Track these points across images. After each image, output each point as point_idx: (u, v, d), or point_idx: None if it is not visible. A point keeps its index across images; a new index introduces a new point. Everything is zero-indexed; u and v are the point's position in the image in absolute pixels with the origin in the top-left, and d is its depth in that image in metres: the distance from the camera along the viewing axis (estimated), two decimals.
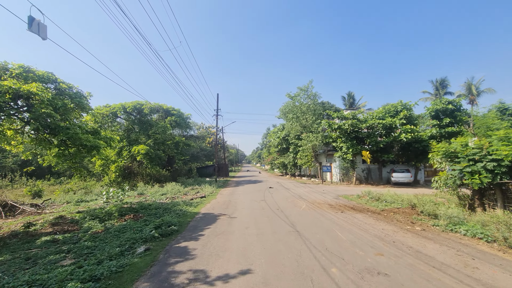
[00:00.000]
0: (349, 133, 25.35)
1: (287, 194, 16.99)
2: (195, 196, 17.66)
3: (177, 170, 33.00)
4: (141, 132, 24.76)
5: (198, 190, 21.10)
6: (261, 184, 25.99)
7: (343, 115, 25.93)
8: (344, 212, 10.96)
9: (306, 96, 31.05)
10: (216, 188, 22.17)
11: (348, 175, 27.58)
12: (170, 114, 27.07)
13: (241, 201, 14.46)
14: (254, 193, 17.80)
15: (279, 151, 36.68)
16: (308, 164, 31.21)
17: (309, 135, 28.74)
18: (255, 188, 21.45)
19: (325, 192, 18.20)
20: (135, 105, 24.47)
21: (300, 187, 21.45)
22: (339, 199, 15.10)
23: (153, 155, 23.26)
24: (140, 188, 22.12)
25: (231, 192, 19.63)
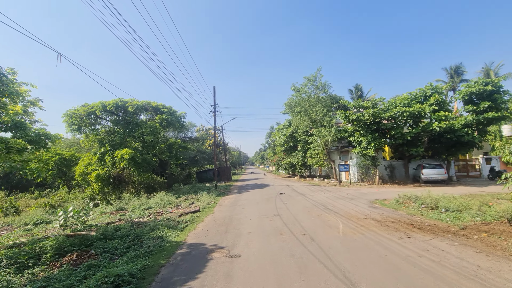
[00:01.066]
0: (369, 125, 21.28)
1: (306, 203, 12.92)
2: (187, 210, 13.66)
3: (173, 176, 29.05)
4: (127, 134, 20.85)
5: (193, 200, 17.10)
6: (269, 189, 21.91)
7: (361, 104, 21.87)
8: (409, 234, 6.90)
9: (314, 86, 27.00)
10: (215, 197, 18.16)
11: (368, 174, 23.45)
12: (160, 112, 23.17)
13: (246, 217, 10.41)
14: (262, 203, 13.75)
15: (285, 150, 32.66)
16: (320, 163, 27.14)
17: (320, 130, 24.68)
18: (263, 195, 17.40)
19: (352, 198, 14.13)
20: (117, 102, 20.58)
21: (317, 192, 17.37)
22: (378, 208, 11.03)
23: (140, 160, 19.32)
24: (125, 200, 18.16)
25: (233, 201, 15.60)
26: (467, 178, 25.41)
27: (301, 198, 14.50)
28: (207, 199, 16.60)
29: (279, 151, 35.59)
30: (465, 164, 26.17)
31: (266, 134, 57.48)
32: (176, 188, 22.19)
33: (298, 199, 14.43)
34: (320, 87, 26.71)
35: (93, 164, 20.82)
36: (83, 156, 22.25)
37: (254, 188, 23.55)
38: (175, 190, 21.76)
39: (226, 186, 26.77)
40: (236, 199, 16.43)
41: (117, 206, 15.03)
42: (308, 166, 30.54)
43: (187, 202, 16.13)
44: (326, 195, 15.35)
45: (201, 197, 17.73)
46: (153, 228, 9.19)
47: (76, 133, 21.57)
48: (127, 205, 16.99)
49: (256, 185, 26.32)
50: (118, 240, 8.01)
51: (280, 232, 7.55)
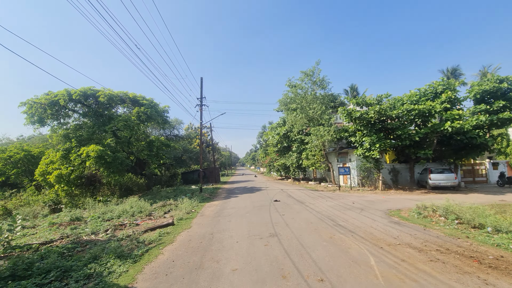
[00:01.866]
0: (373, 124, 18.92)
1: (309, 215, 10.21)
2: (158, 221, 10.74)
3: (154, 177, 25.89)
4: (96, 128, 17.69)
5: (171, 207, 14.16)
6: (261, 193, 19.15)
7: (364, 100, 19.46)
8: (486, 280, 4.29)
9: (312, 82, 24.48)
10: (198, 203, 15.26)
11: (370, 178, 21.05)
12: (139, 105, 20.07)
13: (231, 237, 7.62)
14: (254, 214, 10.97)
15: (278, 151, 30.03)
16: (316, 165, 24.62)
17: (318, 129, 22.16)
18: (254, 202, 14.63)
19: (361, 208, 11.55)
20: (85, 91, 17.39)
21: (317, 199, 14.72)
22: (402, 225, 8.47)
23: (110, 159, 16.20)
24: (90, 206, 15.02)
25: (218, 210, 12.75)
26: (473, 184, 23.45)
27: (301, 208, 11.80)
28: (187, 206, 13.71)
29: (271, 152, 32.97)
30: (471, 169, 24.20)
31: (258, 134, 54.91)
32: (155, 191, 19.11)
33: (297, 208, 11.72)
34: (318, 83, 24.22)
35: (55, 162, 17.53)
36: (46, 153, 18.90)
37: (244, 192, 20.73)
38: (153, 194, 18.69)
39: (213, 189, 23.85)
40: (222, 207, 13.58)
41: (72, 215, 11.90)
42: (303, 169, 28.01)
43: (162, 210, 13.18)
44: (330, 204, 12.72)
45: (181, 203, 14.81)
46: (95, 256, 6.27)
47: (38, 126, 18.21)
48: (90, 212, 13.90)
49: (247, 189, 23.50)
50: (31, 281, 5.08)
51: (281, 274, 4.78)
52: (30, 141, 37.50)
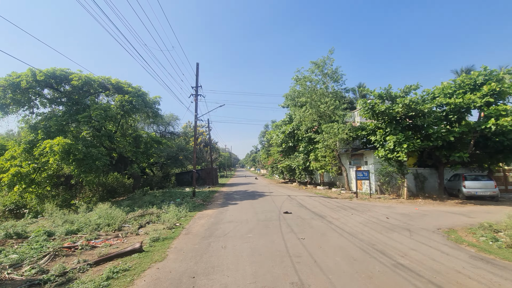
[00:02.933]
0: (399, 120, 15.80)
1: (342, 241, 6.93)
2: (124, 243, 7.50)
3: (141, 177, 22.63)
4: (67, 117, 14.48)
5: (151, 218, 10.90)
6: (265, 200, 15.89)
7: (389, 92, 16.29)
8: None
9: (323, 74, 21.32)
10: (187, 212, 12.00)
11: (393, 184, 17.82)
12: (123, 92, 16.85)
13: (226, 286, 4.35)
14: (260, 236, 7.68)
15: (283, 151, 26.80)
16: (327, 168, 21.39)
17: (332, 126, 18.97)
18: (258, 213, 11.37)
19: (403, 226, 8.33)
20: (53, 72, 14.17)
21: (338, 211, 11.44)
22: (498, 266, 5.21)
23: (81, 155, 12.95)
24: (49, 213, 11.76)
25: (211, 225, 9.48)
26: (506, 193, 20.27)
27: (324, 226, 8.54)
28: (171, 218, 10.46)
29: (275, 152, 29.74)
30: (503, 176, 20.99)
31: (260, 133, 51.51)
32: (138, 196, 15.81)
33: (319, 227, 8.46)
34: (330, 74, 21.04)
35: (17, 158, 14.27)
36: (9, 145, 15.62)
37: (244, 197, 17.47)
38: (135, 199, 15.41)
39: (209, 193, 20.58)
40: (216, 220, 10.31)
41: (11, 229, 8.62)
42: (310, 171, 24.78)
43: (137, 223, 9.93)
44: (359, 219, 9.46)
45: (165, 212, 11.57)
46: None
47: (0, 115, 14.98)
48: (46, 222, 10.67)
49: (247, 193, 20.23)
50: None
51: None
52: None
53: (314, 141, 23.05)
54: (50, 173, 16.41)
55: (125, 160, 18.96)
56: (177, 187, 26.65)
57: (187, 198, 16.41)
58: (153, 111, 20.33)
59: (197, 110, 17.58)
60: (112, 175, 22.39)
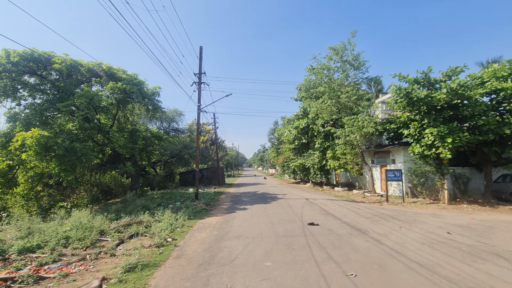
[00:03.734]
0: (440, 110, 13.07)
1: (424, 285, 4.35)
2: (85, 275, 5.08)
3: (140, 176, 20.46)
4: (49, 105, 12.31)
5: (138, 229, 8.51)
6: (279, 204, 13.36)
7: (427, 76, 13.51)
8: None
9: (342, 62, 18.60)
10: (185, 220, 9.61)
11: (428, 185, 15.01)
12: (116, 79, 14.60)
13: None
14: (283, 266, 5.17)
15: (295, 148, 24.21)
16: (348, 167, 18.70)
17: (356, 118, 16.29)
18: (274, 224, 8.85)
19: (485, 247, 5.66)
20: (31, 53, 11.98)
21: (377, 221, 8.79)
22: None
23: (62, 151, 10.73)
24: (15, 220, 9.57)
25: (213, 243, 7.03)
26: None
27: (376, 251, 5.94)
28: (164, 229, 8.10)
29: (286, 150, 27.14)
30: None
31: (269, 131, 48.84)
32: (130, 198, 13.49)
33: (368, 252, 5.86)
34: (351, 61, 18.31)
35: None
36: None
37: (254, 200, 14.99)
38: (127, 202, 13.11)
39: (214, 195, 18.19)
40: (220, 234, 7.84)
41: None
42: (327, 171, 22.10)
43: (117, 236, 7.57)
44: (415, 237, 6.83)
45: (158, 221, 9.20)
46: None
47: None
48: (7, 234, 8.49)
49: (257, 195, 17.74)
50: None
51: None
52: None
53: (333, 137, 20.39)
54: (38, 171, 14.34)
55: (123, 157, 16.76)
56: (180, 187, 24.41)
57: (188, 201, 14.04)
58: (152, 103, 18.08)
59: (200, 100, 15.18)
60: (109, 174, 20.33)
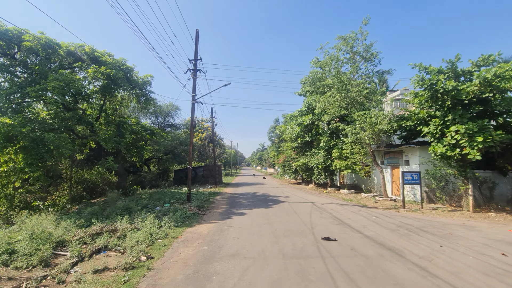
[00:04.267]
0: (467, 104, 11.41)
1: None
2: None
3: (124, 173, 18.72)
4: (17, 89, 10.51)
5: (109, 240, 6.74)
6: (283, 209, 11.63)
7: (454, 67, 11.80)
8: None
9: (352, 53, 16.86)
10: (169, 228, 7.86)
11: (448, 190, 13.32)
12: (101, 63, 12.80)
13: None
14: None
15: (298, 147, 22.49)
16: (356, 167, 17.02)
17: (368, 113, 14.58)
18: (278, 236, 7.13)
19: None
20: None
21: (410, 236, 7.07)
22: None
23: (27, 141, 8.96)
24: None
25: (198, 268, 5.26)
26: None
27: (423, 282, 4.24)
28: (142, 240, 6.39)
29: (288, 149, 25.42)
30: None
31: (270, 128, 46.92)
32: (110, 199, 11.70)
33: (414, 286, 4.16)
34: (363, 52, 16.58)
35: None
36: None
37: (253, 203, 13.25)
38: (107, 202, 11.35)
39: (209, 196, 16.46)
40: (210, 250, 6.09)
41: None
42: (331, 172, 20.39)
43: (78, 250, 5.83)
44: (468, 262, 5.13)
45: (136, 229, 7.46)
46: None
47: None
48: None
49: (257, 197, 16.00)
50: None
51: None
52: None
53: (341, 134, 18.72)
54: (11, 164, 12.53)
55: (109, 152, 14.98)
56: (174, 186, 22.66)
57: (178, 202, 12.29)
58: (143, 93, 16.30)
59: (195, 90, 13.40)
60: (96, 170, 18.55)
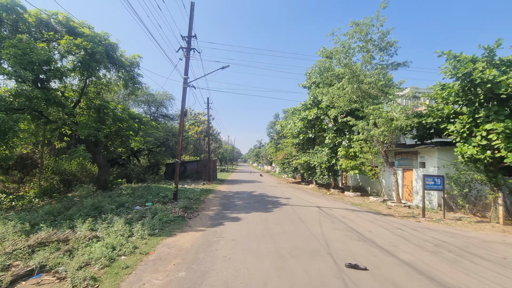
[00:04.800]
0: (503, 100, 9.74)
1: None
2: None
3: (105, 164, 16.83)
4: None
5: (48, 260, 4.86)
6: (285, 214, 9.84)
7: (492, 55, 10.04)
8: None
9: (365, 41, 15.00)
10: (141, 237, 5.98)
11: (472, 198, 11.63)
12: (77, 35, 10.76)
13: None
14: None
15: (299, 144, 20.67)
16: (365, 168, 15.30)
17: (383, 108, 12.79)
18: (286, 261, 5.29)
19: None
20: None
21: (460, 264, 5.33)
22: None
23: None
24: None
25: None
26: None
27: None
28: (99, 255, 4.50)
29: (288, 145, 23.61)
30: None
31: (269, 124, 44.78)
32: (79, 194, 9.76)
33: None
34: (377, 40, 14.73)
35: None
36: None
37: (250, 205, 11.42)
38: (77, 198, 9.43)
39: (201, 193, 14.62)
40: (189, 280, 4.24)
41: None
42: (335, 172, 18.64)
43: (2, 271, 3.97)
44: None
45: (95, 241, 5.58)
46: None
47: None
48: None
49: (254, 198, 14.18)
50: None
51: None
52: None
53: (347, 131, 16.97)
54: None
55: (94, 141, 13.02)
56: (164, 180, 20.74)
57: (161, 202, 10.40)
58: (130, 77, 14.30)
59: (188, 71, 11.44)
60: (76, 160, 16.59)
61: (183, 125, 31.44)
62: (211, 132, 38.82)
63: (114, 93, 17.66)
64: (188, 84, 11.53)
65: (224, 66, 11.86)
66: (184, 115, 11.58)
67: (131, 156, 23.03)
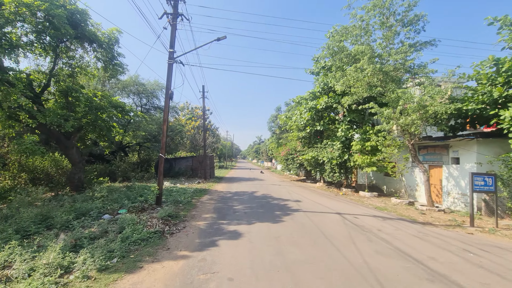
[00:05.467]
0: None
1: None
2: None
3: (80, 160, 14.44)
4: None
5: None
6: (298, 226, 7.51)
7: None
8: None
9: (386, 16, 12.53)
10: (81, 280, 3.62)
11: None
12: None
13: None
14: None
15: (306, 138, 18.30)
16: (388, 165, 12.99)
17: (414, 93, 10.39)
18: None
19: None
20: None
21: None
22: None
23: None
24: None
25: None
26: None
27: None
28: None
29: (293, 139, 21.24)
30: None
31: (270, 117, 42.03)
32: (25, 201, 7.39)
33: None
34: (402, 14, 12.29)
35: None
36: None
37: (253, 211, 9.10)
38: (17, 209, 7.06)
39: (193, 195, 12.27)
40: None
41: None
42: (347, 168, 16.32)
43: None
44: None
45: (13, 279, 3.17)
46: None
47: None
48: None
49: (257, 200, 11.85)
50: None
51: None
52: None
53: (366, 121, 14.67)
54: None
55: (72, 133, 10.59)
56: (154, 178, 18.36)
57: (139, 208, 8.03)
58: (109, 56, 11.85)
59: (174, 44, 9.01)
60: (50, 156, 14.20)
61: (180, 119, 28.70)
62: (209, 127, 36.33)
63: (94, 78, 15.16)
64: (174, 59, 9.08)
65: (220, 38, 9.42)
66: (170, 98, 9.15)
67: (119, 151, 20.61)
